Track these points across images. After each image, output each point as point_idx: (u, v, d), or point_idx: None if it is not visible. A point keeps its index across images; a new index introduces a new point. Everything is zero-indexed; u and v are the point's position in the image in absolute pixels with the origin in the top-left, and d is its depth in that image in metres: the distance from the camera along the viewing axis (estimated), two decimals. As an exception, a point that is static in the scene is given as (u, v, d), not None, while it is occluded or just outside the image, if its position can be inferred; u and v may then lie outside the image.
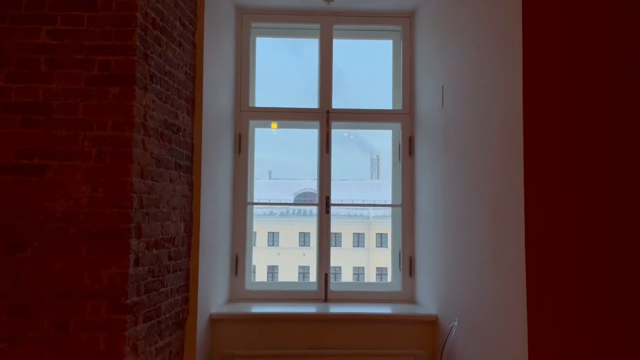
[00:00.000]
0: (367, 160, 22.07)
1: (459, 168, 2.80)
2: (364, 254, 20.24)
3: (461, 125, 2.79)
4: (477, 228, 2.56)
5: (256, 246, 19.32)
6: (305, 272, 19.55)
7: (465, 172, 2.71)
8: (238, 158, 3.47)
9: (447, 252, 2.95)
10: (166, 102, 2.49)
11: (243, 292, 3.41)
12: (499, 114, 2.36)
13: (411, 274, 3.46)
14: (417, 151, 3.46)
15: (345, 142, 20.89)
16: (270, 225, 20.35)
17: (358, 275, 20.22)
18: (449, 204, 2.92)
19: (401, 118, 3.56)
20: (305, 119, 3.56)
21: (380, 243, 19.99)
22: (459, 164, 2.80)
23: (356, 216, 20.27)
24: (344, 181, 19.05)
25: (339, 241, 19.55)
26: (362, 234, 20.37)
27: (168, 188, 2.51)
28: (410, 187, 3.51)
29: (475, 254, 2.57)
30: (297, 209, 20.04)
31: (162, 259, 2.44)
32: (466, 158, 2.71)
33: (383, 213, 19.68)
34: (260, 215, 19.71)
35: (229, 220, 3.36)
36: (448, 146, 2.96)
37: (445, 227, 2.98)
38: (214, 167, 3.07)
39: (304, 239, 20.00)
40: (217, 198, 3.14)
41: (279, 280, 20.38)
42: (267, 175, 21.15)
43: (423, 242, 3.34)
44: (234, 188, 3.45)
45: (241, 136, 3.48)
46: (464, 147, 2.75)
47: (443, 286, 3.01)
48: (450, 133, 2.94)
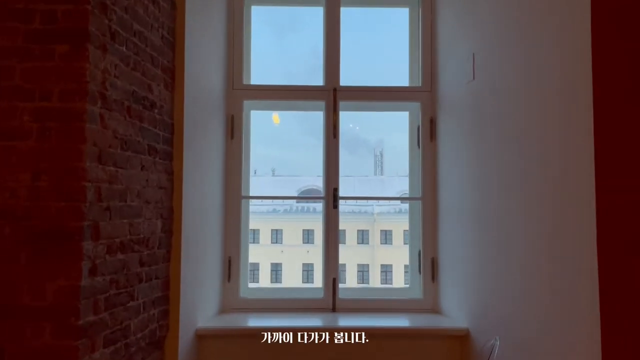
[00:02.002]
0: (370, 157, 21.76)
1: (496, 153, 2.30)
2: (368, 251, 20.23)
3: (500, 99, 2.29)
4: (525, 225, 2.05)
5: (259, 244, 19.19)
6: (309, 270, 19.51)
7: (507, 157, 2.20)
8: (230, 144, 2.97)
9: (480, 253, 2.45)
10: (135, 69, 2.00)
11: (237, 301, 2.92)
12: (555, 82, 1.86)
13: (434, 278, 2.96)
14: (440, 135, 2.95)
15: (348, 138, 20.40)
16: (274, 223, 20.33)
17: (362, 272, 20.23)
18: (483, 196, 2.42)
19: (420, 96, 3.05)
20: (309, 98, 3.05)
21: (385, 240, 19.96)
22: (496, 147, 2.30)
23: (360, 213, 20.27)
24: (349, 177, 18.81)
25: (342, 238, 19.56)
26: (366, 230, 20.34)
27: (139, 177, 2.02)
28: (432, 177, 3.01)
29: (523, 255, 2.06)
30: (301, 205, 20.09)
31: (130, 265, 1.95)
32: (508, 140, 2.20)
33: (387, 209, 19.49)
34: (263, 212, 19.69)
35: (219, 216, 2.87)
36: (481, 127, 2.46)
37: (477, 223, 2.48)
38: (201, 154, 2.58)
39: (307, 236, 20.04)
40: (205, 190, 2.65)
41: (282, 278, 20.04)
42: (270, 172, 21.06)
43: (448, 241, 2.84)
44: (226, 179, 2.95)
45: (234, 119, 2.98)
46: (504, 126, 2.24)
47: (475, 293, 2.51)
48: (484, 110, 2.44)
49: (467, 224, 2.59)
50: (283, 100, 3.09)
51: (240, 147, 2.98)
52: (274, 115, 3.93)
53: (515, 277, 2.11)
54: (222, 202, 2.91)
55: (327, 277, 2.95)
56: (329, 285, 2.94)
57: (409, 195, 3.17)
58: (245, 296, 2.96)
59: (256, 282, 19.43)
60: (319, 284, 2.99)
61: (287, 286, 13.83)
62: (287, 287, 4.86)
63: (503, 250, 2.22)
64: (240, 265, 2.97)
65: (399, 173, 20.18)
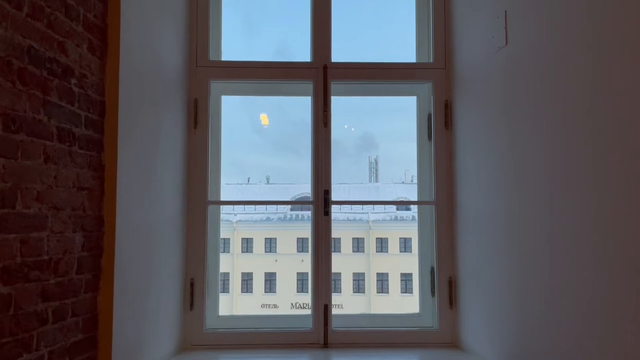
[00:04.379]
0: (365, 164, 21.33)
1: (543, 140, 1.69)
2: (363, 260, 20.10)
3: (545, 69, 1.69)
4: (589, 234, 1.44)
5: (253, 253, 18.78)
6: (303, 279, 19.32)
7: (562, 145, 1.60)
8: (193, 135, 2.35)
9: (518, 271, 1.83)
10: (35, 17, 1.38)
11: (201, 336, 2.28)
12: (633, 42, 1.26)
13: (452, 302, 2.34)
14: (458, 121, 2.35)
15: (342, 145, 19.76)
16: (268, 232, 20.16)
17: (358, 281, 20.06)
18: (524, 199, 1.81)
19: (432, 75, 2.45)
20: (294, 77, 2.44)
21: (381, 248, 19.86)
22: (543, 133, 1.70)
23: (355, 220, 20.20)
24: (343, 184, 18.53)
25: (337, 246, 19.45)
26: (361, 238, 20.21)
27: (39, 172, 1.40)
28: (448, 175, 2.40)
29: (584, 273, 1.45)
30: (295, 213, 20.11)
31: (22, 301, 1.32)
32: (561, 123, 1.60)
33: (383, 217, 19.33)
34: (257, 221, 19.50)
35: (178, 228, 2.24)
36: (518, 106, 1.86)
37: (514, 233, 1.87)
38: (149, 146, 1.96)
39: (302, 245, 19.90)
40: (155, 194, 2.03)
41: (276, 288, 19.45)
42: (264, 180, 20.93)
43: (471, 256, 2.23)
44: (188, 180, 2.33)
45: (198, 103, 2.36)
46: (553, 104, 1.64)
47: (511, 324, 1.90)
48: (521, 85, 1.84)
49: (499, 234, 1.98)
50: (260, 82, 2.48)
51: (206, 140, 2.36)
52: (262, 115, 3.34)
53: (572, 304, 1.50)
54: (182, 209, 2.28)
55: (317, 304, 2.33)
56: (319, 313, 2.31)
57: (417, 199, 2.56)
58: (213, 328, 2.33)
59: (250, 292, 18.89)
60: (308, 312, 2.38)
61: (267, 313, 13.14)
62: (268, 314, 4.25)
63: (553, 267, 1.61)
64: (207, 289, 2.34)
65: (394, 180, 19.74)
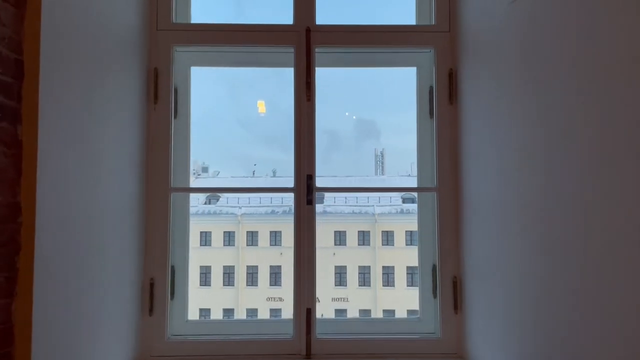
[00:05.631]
0: (371, 156, 20.99)
1: (573, 112, 1.33)
2: (369, 253, 19.98)
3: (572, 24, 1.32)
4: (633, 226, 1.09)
5: (258, 246, 18.65)
6: None
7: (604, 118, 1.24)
8: (153, 112, 2.01)
9: (540, 273, 1.48)
10: None
11: (163, 345, 1.95)
12: None
13: (457, 307, 2.00)
14: (465, 94, 1.99)
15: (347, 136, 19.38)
16: (273, 225, 20.06)
17: (364, 274, 19.92)
18: (548, 184, 1.45)
19: (435, 39, 2.09)
20: (271, 42, 2.09)
21: (387, 241, 19.71)
22: (572, 104, 1.34)
23: (361, 214, 20.04)
24: (349, 177, 18.35)
25: (343, 240, 19.40)
26: (367, 232, 20.05)
27: None
28: (453, 158, 2.05)
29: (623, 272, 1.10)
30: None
31: None
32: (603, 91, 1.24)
33: (389, 210, 19.09)
34: (262, 214, 19.36)
35: (133, 219, 1.90)
36: (538, 72, 1.49)
37: (535, 226, 1.51)
38: (90, 120, 1.62)
39: None
40: (99, 178, 1.69)
41: (281, 281, 19.23)
42: (271, 173, 20.87)
43: (480, 253, 1.88)
44: (147, 163, 1.99)
45: (158, 74, 2.02)
46: (584, 66, 1.28)
47: (528, 334, 1.54)
48: (541, 44, 1.47)
49: (515, 226, 1.63)
50: (231, 48, 2.13)
51: (169, 117, 2.02)
52: (259, 102, 3.01)
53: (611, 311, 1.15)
54: (139, 197, 1.94)
55: (299, 308, 1.99)
56: (300, 319, 1.98)
57: (417, 186, 2.21)
58: (178, 335, 2.00)
59: (255, 285, 18.69)
60: (288, 317, 2.06)
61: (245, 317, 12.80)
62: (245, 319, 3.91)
63: (587, 267, 1.26)
64: (175, 289, 2.02)
65: (400, 173, 19.42)
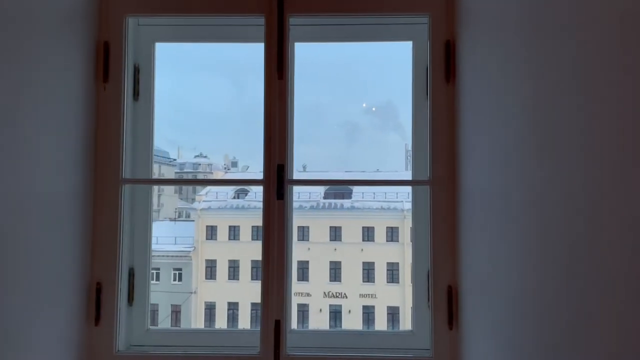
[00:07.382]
0: (401, 150, 20.55)
1: (601, 89, 1.00)
2: (398, 249, 19.71)
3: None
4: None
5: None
6: (336, 268, 19.03)
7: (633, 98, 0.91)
8: (102, 92, 1.76)
9: (551, 283, 1.16)
10: None
11: (111, 359, 1.71)
12: None
13: (452, 321, 1.68)
14: (464, 70, 1.67)
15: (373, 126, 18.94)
16: (300, 220, 20.02)
17: (392, 271, 19.66)
18: (560, 178, 1.13)
19: (430, 3, 1.77)
20: (237, 10, 1.80)
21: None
22: (602, 83, 1.01)
23: (389, 209, 19.78)
24: (378, 172, 18.08)
25: (371, 236, 19.25)
26: (395, 228, 19.75)
27: None
28: (450, 146, 1.73)
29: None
30: (328, 202, 19.85)
31: None
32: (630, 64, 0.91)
33: None
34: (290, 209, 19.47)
35: (75, 214, 1.66)
36: (554, 41, 1.16)
37: (546, 227, 1.19)
38: (14, 99, 1.38)
39: (335, 233, 19.68)
40: (26, 167, 1.45)
41: (309, 277, 19.14)
42: (301, 169, 20.82)
43: (479, 258, 1.56)
44: (95, 152, 1.75)
45: (109, 47, 1.76)
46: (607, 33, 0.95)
47: (537, 351, 1.23)
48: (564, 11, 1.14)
49: (521, 227, 1.30)
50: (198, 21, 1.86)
51: (120, 99, 1.76)
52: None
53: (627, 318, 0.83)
54: (84, 189, 1.70)
55: (266, 318, 1.71)
56: (268, 331, 1.70)
57: (412, 178, 1.90)
58: (128, 348, 1.76)
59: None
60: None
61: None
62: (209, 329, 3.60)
63: (606, 277, 0.93)
64: (135, 294, 1.78)
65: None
